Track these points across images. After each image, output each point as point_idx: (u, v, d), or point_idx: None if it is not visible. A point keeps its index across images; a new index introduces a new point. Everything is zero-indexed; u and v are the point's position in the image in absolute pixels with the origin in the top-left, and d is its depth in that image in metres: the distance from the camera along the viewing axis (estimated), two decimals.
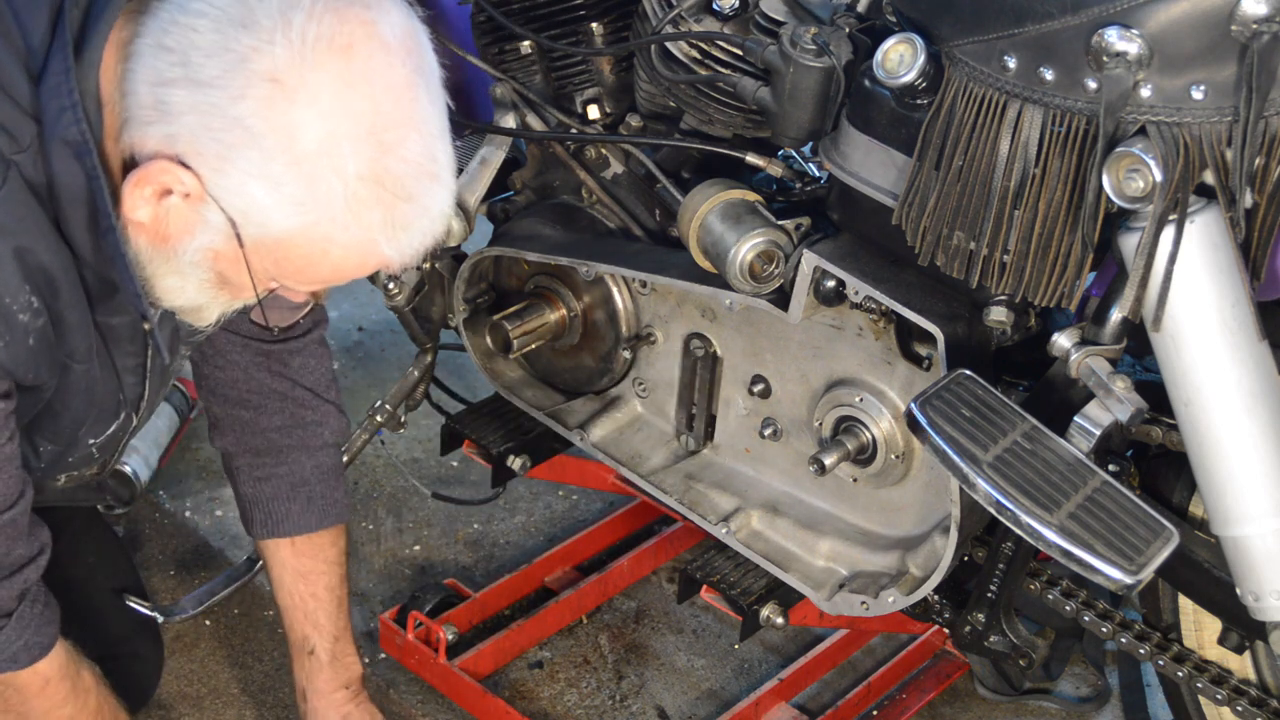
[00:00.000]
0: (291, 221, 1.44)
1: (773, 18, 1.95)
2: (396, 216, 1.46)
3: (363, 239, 1.46)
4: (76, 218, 1.50)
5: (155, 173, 1.43)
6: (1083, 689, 2.58)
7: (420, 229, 1.49)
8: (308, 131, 1.40)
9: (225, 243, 1.47)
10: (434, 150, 1.48)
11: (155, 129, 1.43)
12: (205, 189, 1.43)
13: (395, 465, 2.93)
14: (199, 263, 1.50)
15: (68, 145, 1.45)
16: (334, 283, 1.56)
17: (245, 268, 1.49)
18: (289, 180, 1.42)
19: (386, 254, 1.48)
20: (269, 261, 1.49)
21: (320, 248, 1.47)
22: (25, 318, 1.50)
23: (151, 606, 2.26)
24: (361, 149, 1.42)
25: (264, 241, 1.46)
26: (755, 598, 2.17)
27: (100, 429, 1.74)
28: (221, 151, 1.41)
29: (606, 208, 2.24)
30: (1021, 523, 1.62)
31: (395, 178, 1.44)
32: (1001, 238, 1.69)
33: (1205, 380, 1.63)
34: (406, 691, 2.47)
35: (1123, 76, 1.55)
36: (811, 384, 2.09)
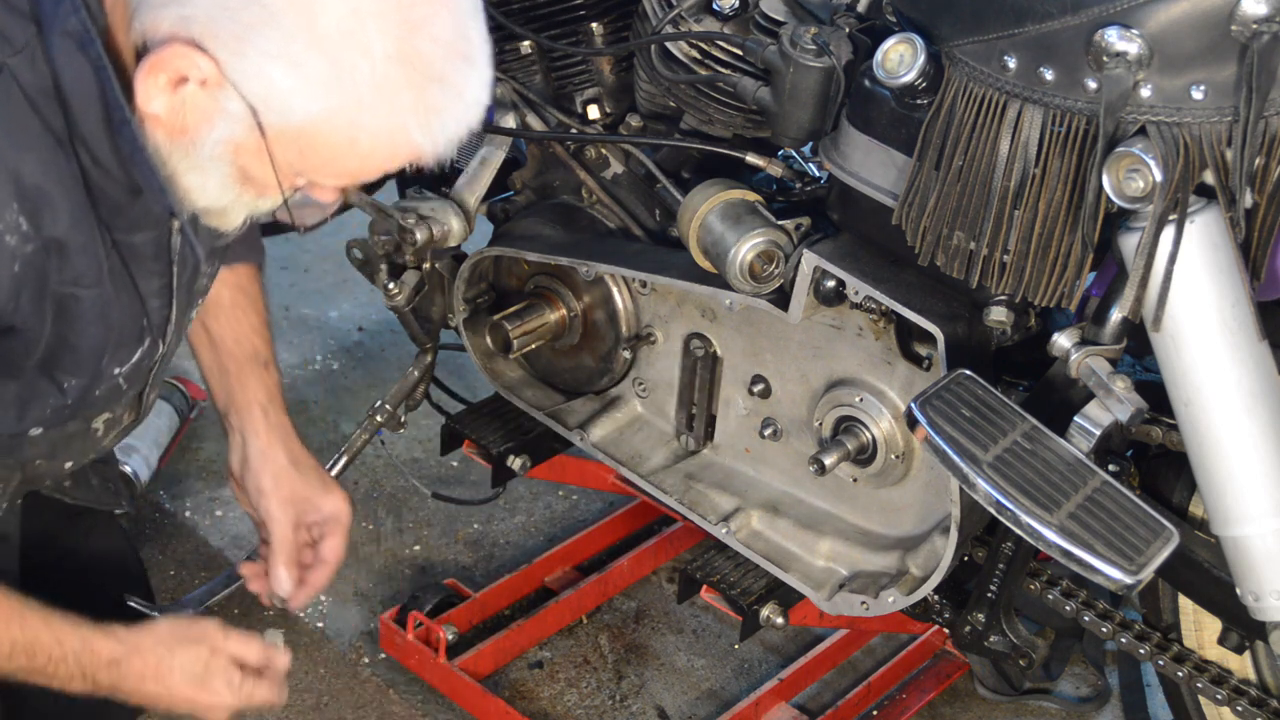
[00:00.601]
0: (315, 106, 1.36)
1: (773, 18, 1.95)
2: (428, 99, 1.37)
3: (392, 124, 1.38)
4: (90, 116, 1.42)
5: (169, 57, 1.35)
6: (1083, 689, 2.58)
7: (454, 114, 1.40)
8: (329, 9, 1.33)
9: (246, 133, 1.39)
10: (466, 29, 1.39)
11: (168, 10, 1.35)
12: (223, 73, 1.35)
13: (395, 465, 2.93)
14: (220, 156, 1.42)
15: (69, 37, 1.39)
16: (364, 176, 1.46)
17: (268, 160, 1.41)
18: (311, 62, 1.34)
19: (418, 140, 1.39)
20: (293, 153, 1.41)
21: (347, 135, 1.39)
22: (12, 240, 1.41)
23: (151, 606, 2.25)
24: (388, 27, 1.34)
25: (287, 130, 1.38)
26: (755, 598, 2.17)
27: (124, 355, 1.64)
28: (239, 32, 1.33)
29: (606, 208, 2.24)
30: (1021, 523, 1.62)
31: (425, 58, 1.36)
32: (1001, 238, 1.69)
33: (1205, 380, 1.63)
34: (406, 691, 2.47)
35: (1123, 76, 1.55)
36: (811, 384, 2.09)
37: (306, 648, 2.55)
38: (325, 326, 3.41)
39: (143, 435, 2.78)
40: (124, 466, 2.70)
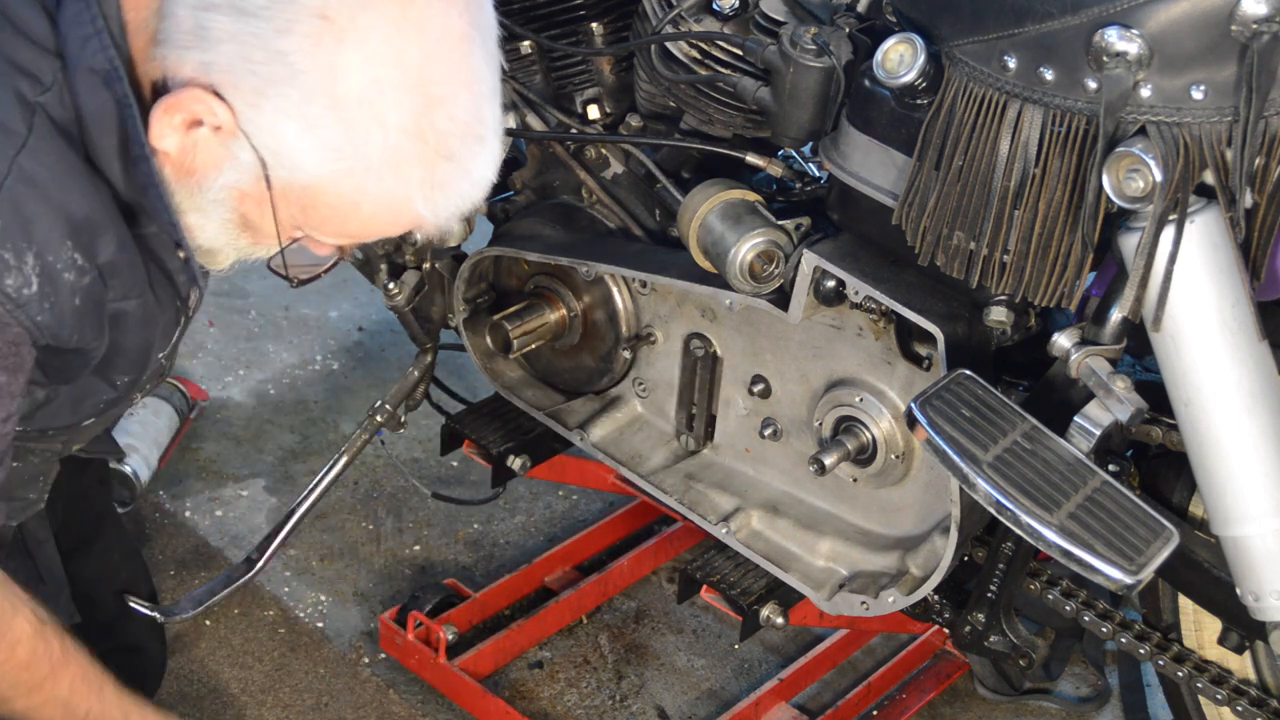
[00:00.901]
0: (324, 168, 1.37)
1: (773, 18, 1.95)
2: (436, 175, 1.39)
3: (397, 194, 1.39)
4: (108, 147, 1.43)
5: (187, 100, 1.36)
6: (1083, 689, 2.58)
7: (459, 191, 1.42)
8: (352, 74, 1.34)
9: (252, 183, 1.40)
10: (483, 111, 1.40)
11: (192, 54, 1.36)
12: (237, 123, 1.36)
13: (395, 465, 2.93)
14: (223, 201, 1.43)
15: (95, 74, 1.40)
16: (362, 239, 1.49)
17: (270, 211, 1.42)
18: (326, 124, 1.35)
19: (420, 212, 1.41)
20: (296, 208, 1.42)
21: (351, 199, 1.40)
22: (70, 276, 1.44)
23: (152, 607, 2.26)
24: (406, 100, 1.35)
25: (293, 186, 1.39)
26: (755, 598, 2.17)
27: (166, 342, 1.67)
28: (259, 86, 1.34)
29: (606, 208, 2.24)
30: (1021, 523, 1.62)
31: (439, 134, 1.37)
32: (1001, 238, 1.69)
33: (1205, 380, 1.63)
34: (406, 691, 2.47)
35: (1123, 76, 1.55)
36: (811, 384, 2.09)
37: (306, 648, 2.56)
38: (325, 326, 3.41)
39: (143, 435, 2.79)
40: (124, 466, 2.70)
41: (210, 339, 3.32)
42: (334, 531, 2.82)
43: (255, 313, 3.43)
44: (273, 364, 3.24)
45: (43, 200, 1.40)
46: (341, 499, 2.89)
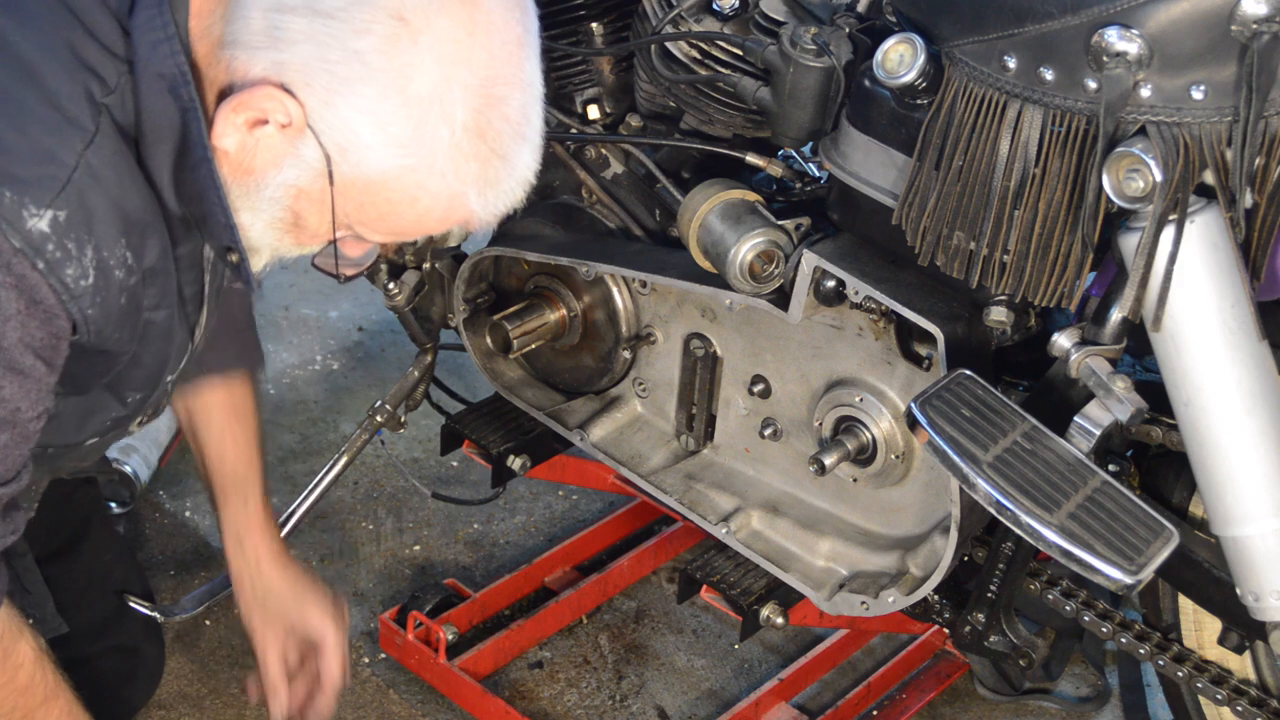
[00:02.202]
0: (390, 163, 1.42)
1: (773, 18, 1.95)
2: (490, 172, 1.45)
3: (454, 190, 1.44)
4: (160, 153, 1.47)
5: (259, 98, 1.40)
6: (1083, 689, 2.58)
7: (507, 189, 1.48)
8: (425, 74, 1.39)
9: (311, 181, 1.44)
10: (531, 112, 1.47)
11: (263, 54, 1.40)
12: (307, 120, 1.40)
13: (395, 465, 2.93)
14: (278, 199, 1.47)
15: (162, 78, 1.43)
16: (412, 235, 1.52)
17: (324, 208, 1.46)
18: (397, 121, 1.40)
19: (474, 208, 1.47)
20: (352, 205, 1.46)
21: (410, 194, 1.44)
22: (120, 274, 1.47)
23: (151, 606, 2.26)
24: (472, 99, 1.41)
25: (355, 182, 1.44)
26: (755, 598, 2.17)
27: (177, 363, 1.70)
28: (333, 84, 1.38)
29: (606, 208, 2.24)
30: (1021, 523, 1.62)
31: (496, 133, 1.43)
32: (1001, 238, 1.69)
33: (1205, 380, 1.63)
34: (406, 691, 2.47)
35: (1123, 76, 1.55)
36: (811, 384, 2.09)
37: None
38: (325, 326, 3.41)
39: (143, 435, 2.78)
40: (124, 466, 2.70)
41: None
42: (334, 531, 2.82)
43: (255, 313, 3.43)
44: (273, 364, 3.24)
45: (104, 196, 1.43)
46: (341, 499, 2.89)
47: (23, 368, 1.46)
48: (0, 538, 1.61)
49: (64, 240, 1.42)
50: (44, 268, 1.41)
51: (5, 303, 1.41)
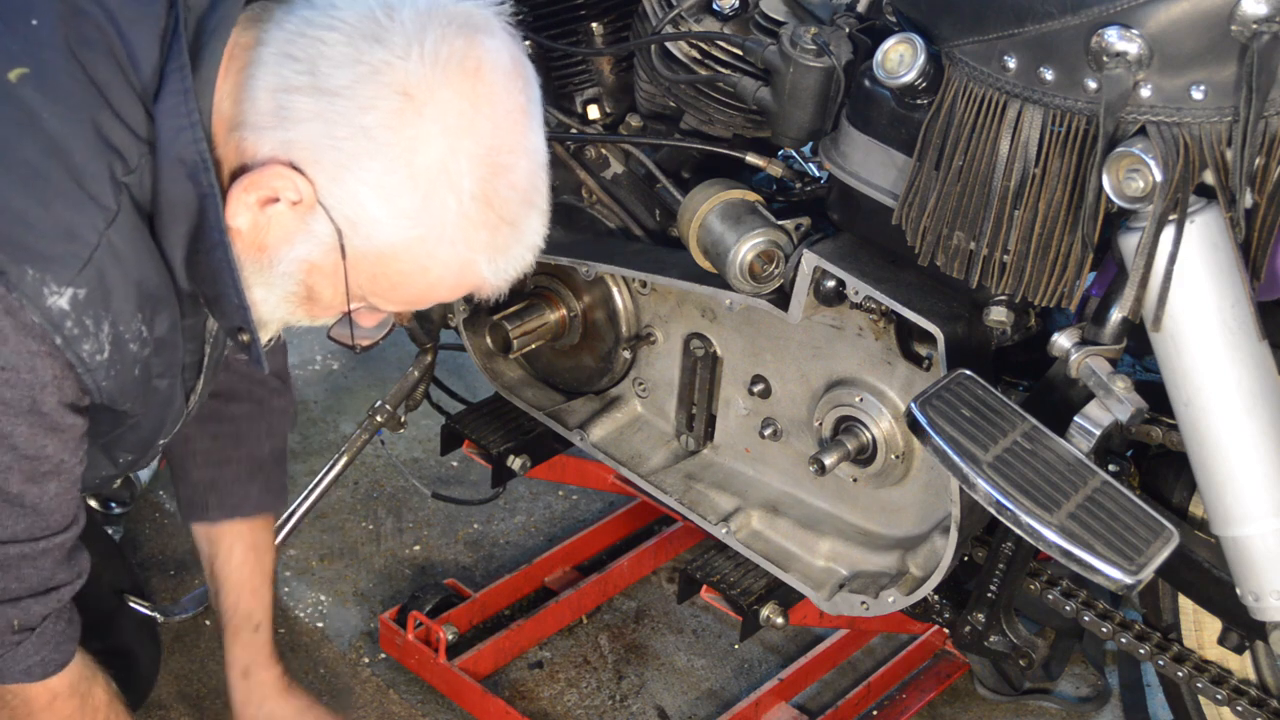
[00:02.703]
0: (400, 235, 1.44)
1: (773, 18, 1.95)
2: (499, 239, 1.47)
3: (465, 258, 1.47)
4: (175, 234, 1.50)
5: (269, 177, 1.43)
6: (1083, 689, 2.58)
7: (517, 255, 1.50)
8: (431, 146, 1.42)
9: (324, 255, 1.47)
10: (537, 179, 1.50)
11: (272, 134, 1.43)
12: (317, 196, 1.43)
13: (395, 465, 2.93)
14: (291, 274, 1.50)
15: (182, 164, 1.46)
16: (424, 303, 1.56)
17: (337, 281, 1.49)
18: (405, 193, 1.42)
19: (485, 275, 1.49)
20: (364, 277, 1.49)
21: (421, 264, 1.47)
22: (135, 348, 1.51)
23: (151, 606, 2.26)
24: (478, 169, 1.43)
25: (366, 255, 1.46)
26: (755, 598, 2.17)
27: (170, 429, 1.74)
28: (341, 160, 1.41)
29: (606, 208, 2.24)
30: (1021, 523, 1.62)
31: (504, 201, 1.46)
32: (1001, 238, 1.69)
33: (1205, 380, 1.63)
34: (406, 691, 2.47)
35: (1123, 76, 1.55)
36: (811, 384, 2.09)
37: (306, 648, 2.56)
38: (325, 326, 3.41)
39: None
40: None
41: None
42: (334, 531, 2.82)
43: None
44: None
45: (123, 273, 1.47)
46: (341, 499, 2.89)
47: (63, 426, 1.51)
48: (70, 583, 1.67)
49: (82, 317, 1.45)
50: (61, 343, 1.45)
51: (42, 370, 1.46)
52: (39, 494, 1.55)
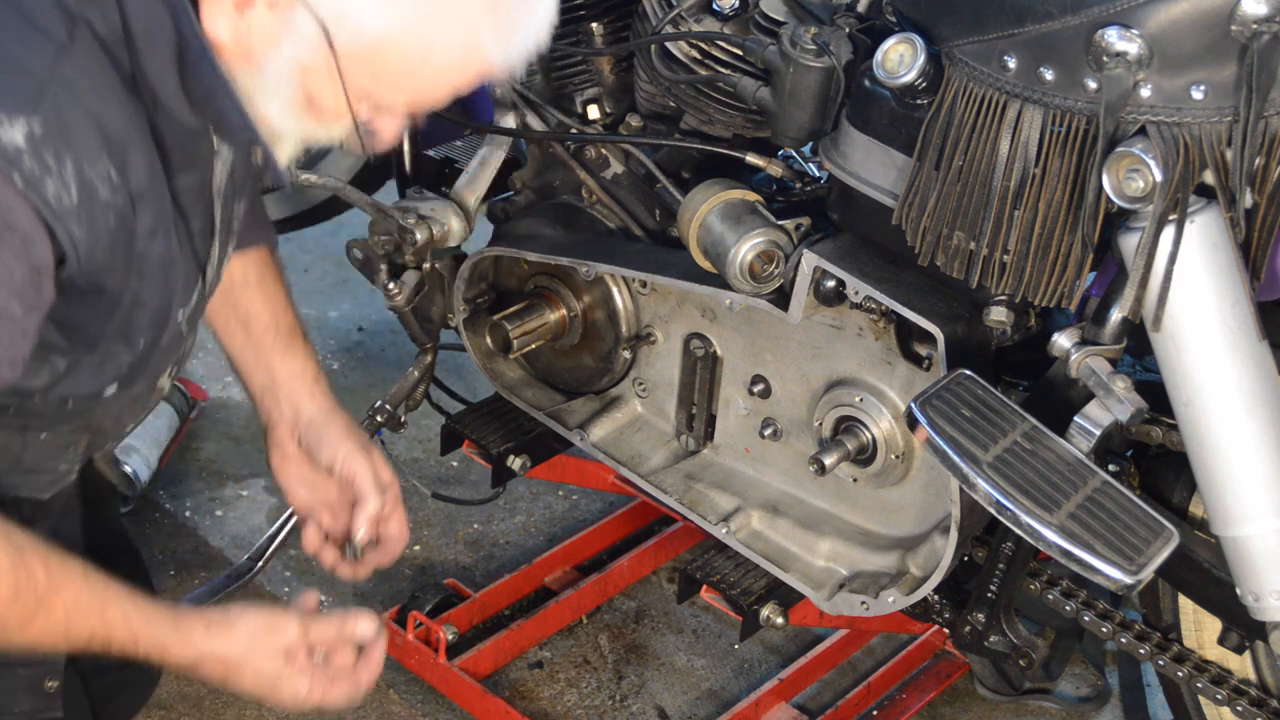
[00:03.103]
0: (388, 21, 1.37)
1: (773, 18, 1.95)
2: (500, 10, 1.39)
3: (466, 34, 1.39)
4: (160, 59, 1.41)
5: None
6: (1083, 689, 2.58)
7: (525, 25, 1.41)
8: None
9: (313, 54, 1.39)
10: None
11: None
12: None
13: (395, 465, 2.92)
14: (285, 78, 1.42)
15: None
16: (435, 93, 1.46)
17: (335, 83, 1.40)
18: None
19: (490, 51, 1.40)
20: (365, 74, 1.41)
21: (419, 48, 1.39)
22: (105, 192, 1.40)
23: None
24: None
25: (359, 48, 1.38)
26: (755, 598, 2.16)
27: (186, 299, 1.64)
28: None
29: (606, 208, 2.24)
30: (1021, 523, 1.62)
31: None
32: (1001, 238, 1.69)
33: (1205, 380, 1.63)
34: (406, 691, 2.47)
35: (1123, 76, 1.55)
36: (811, 384, 2.09)
37: None
38: (325, 326, 3.41)
39: (143, 435, 2.78)
40: (124, 466, 2.70)
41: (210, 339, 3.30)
42: None
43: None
44: None
45: (81, 109, 1.37)
46: None
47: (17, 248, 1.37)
48: None
49: (41, 153, 1.35)
50: (21, 183, 1.34)
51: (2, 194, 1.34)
52: None
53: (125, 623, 1.63)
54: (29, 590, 1.56)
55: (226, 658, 1.68)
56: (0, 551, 1.53)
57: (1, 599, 1.54)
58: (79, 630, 1.61)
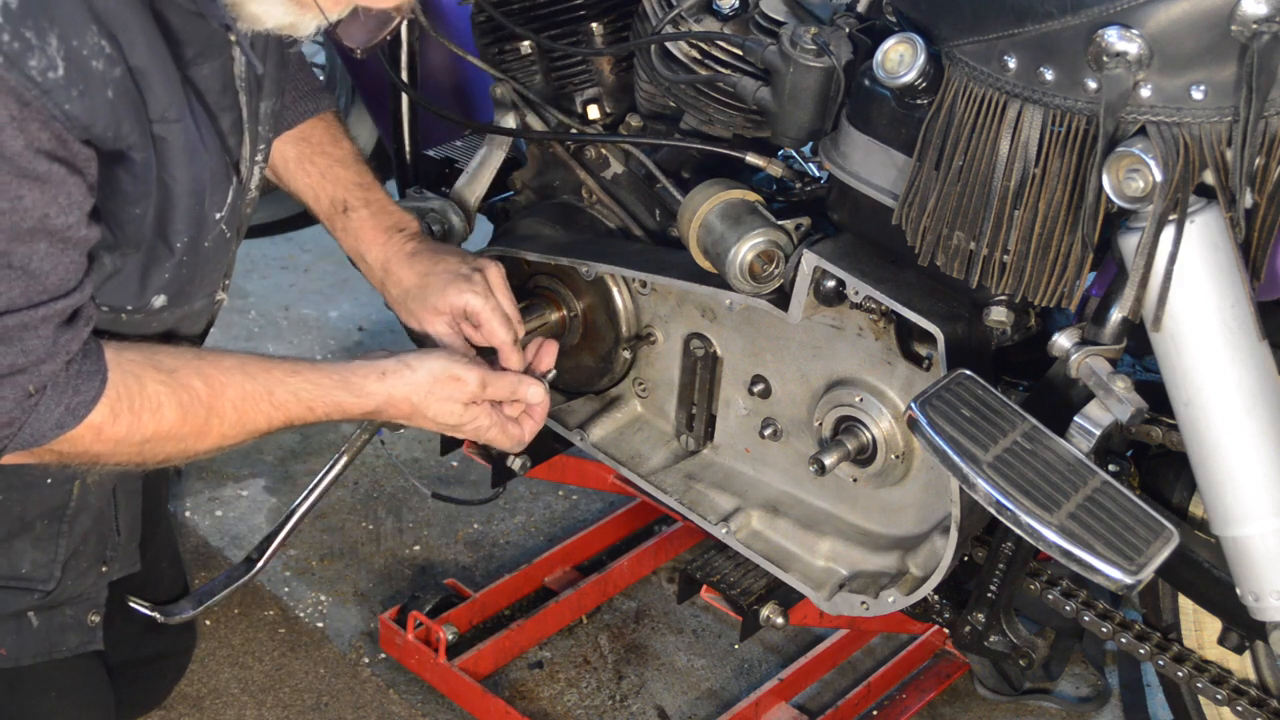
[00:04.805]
0: None
1: (773, 18, 1.95)
2: None
3: None
4: None
5: None
6: (1083, 689, 2.58)
7: None
8: None
9: None
10: None
11: None
12: None
13: (395, 465, 2.93)
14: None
15: None
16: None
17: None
18: None
19: None
20: None
21: None
22: (99, 64, 1.39)
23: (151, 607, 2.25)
24: None
25: None
26: (755, 598, 2.17)
27: (220, 198, 1.65)
28: None
29: (606, 208, 2.24)
30: (1021, 523, 1.62)
31: None
32: (1001, 238, 1.69)
33: (1205, 380, 1.63)
34: (406, 691, 2.48)
35: (1123, 76, 1.55)
36: (811, 384, 2.09)
37: (306, 648, 2.56)
38: (325, 326, 3.41)
39: None
40: None
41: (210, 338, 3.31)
42: (334, 531, 2.82)
43: (255, 313, 3.43)
44: None
45: None
46: (341, 499, 2.89)
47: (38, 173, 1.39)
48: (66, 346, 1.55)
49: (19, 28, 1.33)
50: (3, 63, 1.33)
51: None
52: (27, 254, 1.44)
53: (296, 399, 1.76)
54: (194, 405, 1.67)
55: (408, 399, 1.82)
56: (152, 382, 1.64)
57: (172, 423, 1.66)
58: (254, 420, 1.73)
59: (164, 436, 1.67)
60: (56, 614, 1.87)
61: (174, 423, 1.66)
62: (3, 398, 1.51)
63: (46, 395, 1.56)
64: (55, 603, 1.87)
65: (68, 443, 1.61)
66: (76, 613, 1.90)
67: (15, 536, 1.80)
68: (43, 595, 1.84)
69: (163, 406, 1.66)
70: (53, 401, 1.57)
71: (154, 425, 1.65)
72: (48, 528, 1.82)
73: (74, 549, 1.85)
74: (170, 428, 1.67)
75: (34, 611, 1.85)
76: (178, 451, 1.70)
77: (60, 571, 1.85)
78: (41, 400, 1.56)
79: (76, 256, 1.50)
